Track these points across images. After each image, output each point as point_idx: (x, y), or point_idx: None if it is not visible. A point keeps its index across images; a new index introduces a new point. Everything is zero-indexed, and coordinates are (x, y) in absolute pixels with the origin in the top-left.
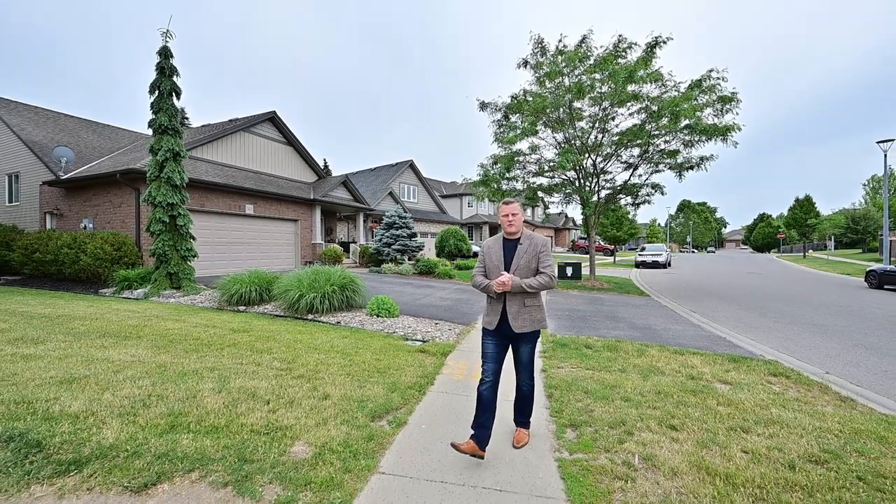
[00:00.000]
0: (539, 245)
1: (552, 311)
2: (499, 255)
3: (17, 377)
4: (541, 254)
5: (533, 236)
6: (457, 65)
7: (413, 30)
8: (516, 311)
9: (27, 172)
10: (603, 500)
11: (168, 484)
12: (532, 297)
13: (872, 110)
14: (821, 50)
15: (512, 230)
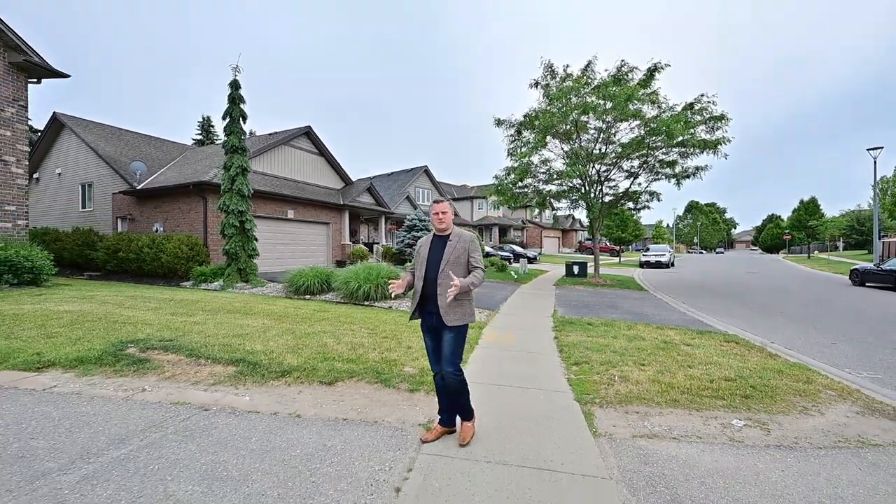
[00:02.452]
0: (468, 241)
1: (561, 301)
2: (426, 251)
3: (203, 332)
4: (470, 249)
5: (462, 233)
6: (458, 70)
7: (414, 35)
8: (447, 305)
9: (99, 182)
10: (592, 391)
11: (342, 382)
12: (463, 293)
13: (886, 110)
14: (836, 48)
15: (442, 227)
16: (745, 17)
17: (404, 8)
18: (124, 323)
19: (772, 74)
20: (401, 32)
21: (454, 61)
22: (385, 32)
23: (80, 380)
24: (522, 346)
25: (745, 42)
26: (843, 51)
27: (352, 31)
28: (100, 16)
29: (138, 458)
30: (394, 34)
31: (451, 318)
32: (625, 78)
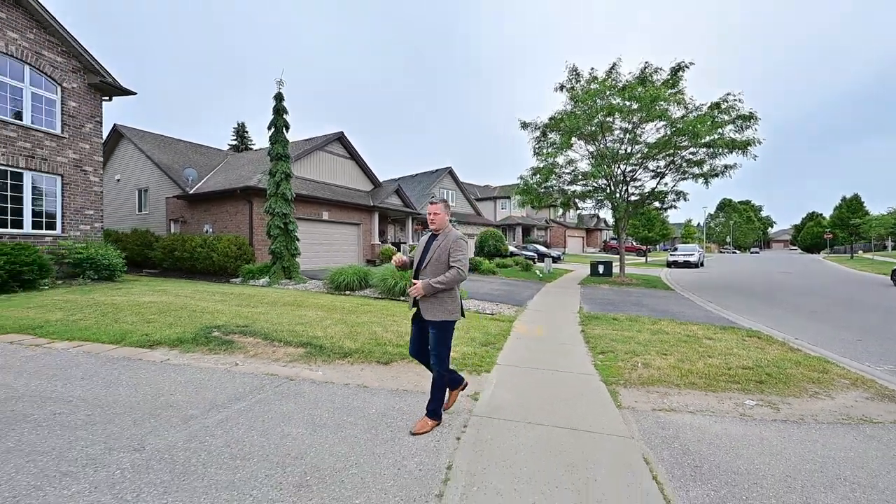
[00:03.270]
0: (451, 241)
1: (586, 299)
2: (421, 249)
3: (269, 321)
4: (451, 248)
5: (449, 233)
6: (482, 71)
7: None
8: (428, 301)
9: (154, 187)
10: (616, 375)
11: (395, 363)
12: (443, 290)
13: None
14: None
15: (434, 227)
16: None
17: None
18: (202, 312)
19: (817, 61)
20: (425, 37)
21: (475, 62)
22: (411, 37)
23: (185, 355)
24: (551, 337)
25: (790, 24)
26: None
27: (380, 36)
28: (136, 28)
29: (254, 409)
30: (419, 38)
31: (429, 312)
32: (649, 79)
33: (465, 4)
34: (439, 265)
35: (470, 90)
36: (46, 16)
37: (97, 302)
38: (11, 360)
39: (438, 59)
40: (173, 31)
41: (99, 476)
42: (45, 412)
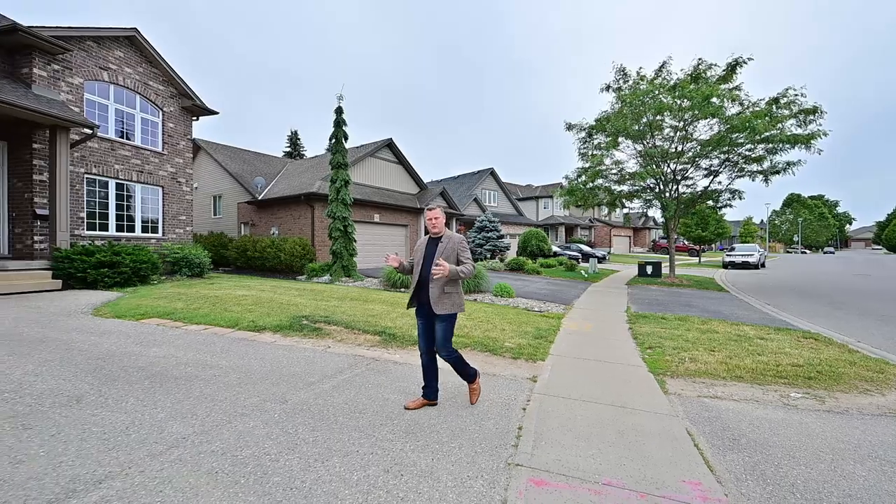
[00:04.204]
0: (457, 243)
1: (634, 299)
2: (422, 251)
3: (344, 312)
4: (459, 249)
5: (452, 236)
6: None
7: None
8: (436, 296)
9: (227, 193)
10: (664, 367)
11: (461, 349)
12: (451, 284)
13: None
14: None
15: (435, 231)
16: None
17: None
18: (287, 304)
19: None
20: (468, 40)
21: (518, 61)
22: (453, 40)
23: (286, 339)
24: (599, 333)
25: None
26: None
27: (419, 39)
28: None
29: (355, 380)
30: (462, 41)
31: (440, 308)
32: (702, 76)
33: (502, 8)
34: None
35: (512, 89)
36: (153, 53)
37: (202, 294)
38: (164, 337)
39: (480, 57)
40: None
41: (264, 417)
42: (208, 374)
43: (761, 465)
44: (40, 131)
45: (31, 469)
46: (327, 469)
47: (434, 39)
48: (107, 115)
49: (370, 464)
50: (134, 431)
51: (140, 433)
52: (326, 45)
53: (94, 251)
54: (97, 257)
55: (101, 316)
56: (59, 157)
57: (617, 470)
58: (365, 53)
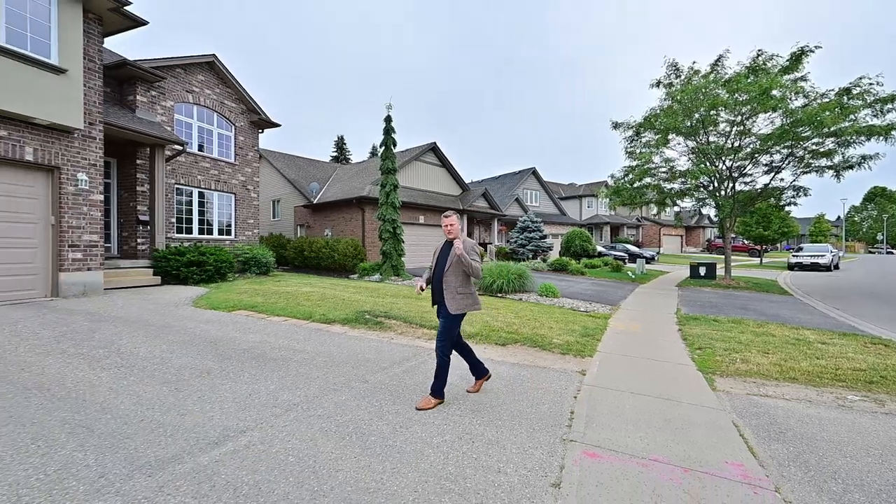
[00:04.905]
0: (468, 248)
1: (684, 301)
2: (438, 254)
3: (400, 308)
4: (469, 251)
5: (465, 240)
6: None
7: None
8: (450, 296)
9: (284, 198)
10: (713, 366)
11: (510, 345)
12: (463, 285)
13: None
14: None
15: (451, 236)
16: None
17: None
18: (349, 300)
19: None
20: (511, 39)
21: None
22: (496, 41)
23: (354, 330)
24: (647, 333)
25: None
26: None
27: (459, 38)
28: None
29: (420, 367)
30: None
31: (452, 307)
32: (762, 67)
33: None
34: (460, 267)
35: (553, 87)
36: (228, 75)
37: (274, 290)
38: (255, 326)
39: (522, 55)
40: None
41: (352, 392)
42: (299, 357)
43: (805, 455)
44: (142, 149)
45: (194, 420)
46: (411, 433)
47: (474, 37)
48: (191, 132)
49: (445, 432)
50: (256, 398)
51: (261, 399)
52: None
53: (184, 252)
54: (187, 257)
55: (200, 307)
56: (157, 171)
57: (663, 450)
58: (403, 53)
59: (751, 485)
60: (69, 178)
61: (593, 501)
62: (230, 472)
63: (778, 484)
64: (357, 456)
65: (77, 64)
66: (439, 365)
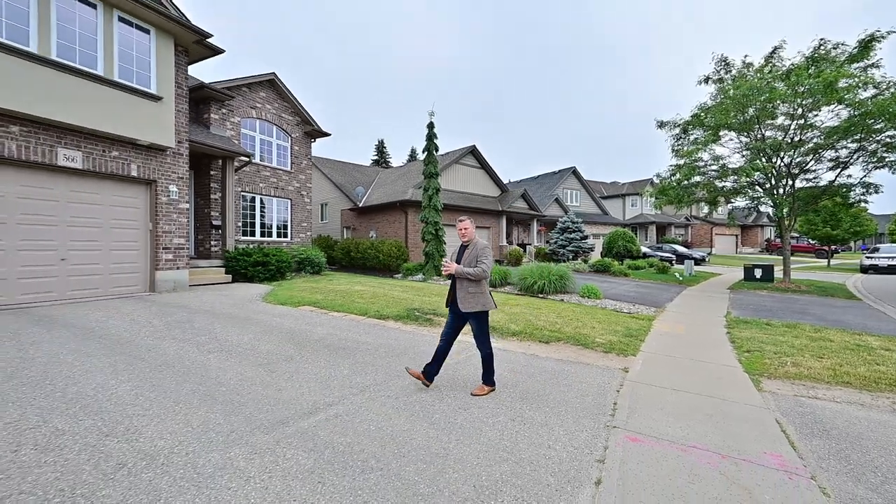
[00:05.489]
0: (480, 249)
1: (735, 304)
2: (454, 255)
3: None
4: (480, 254)
5: (477, 243)
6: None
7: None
8: (462, 296)
9: (332, 201)
10: (761, 369)
11: (553, 343)
12: (474, 285)
13: None
14: None
15: (465, 240)
16: None
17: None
18: (398, 298)
19: None
20: (550, 33)
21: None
22: (535, 37)
23: (407, 326)
24: (692, 335)
25: None
26: None
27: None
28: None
29: (471, 360)
30: (539, 36)
31: (465, 306)
32: (825, 58)
33: None
34: (471, 266)
35: (593, 82)
36: (286, 90)
37: (330, 289)
38: (320, 320)
39: (564, 51)
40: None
41: (414, 379)
42: (363, 348)
43: (847, 451)
44: (215, 161)
45: (289, 394)
46: (469, 414)
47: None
48: (254, 144)
49: (499, 414)
50: (334, 380)
51: (338, 381)
52: (395, 44)
53: (251, 253)
54: (253, 258)
55: (270, 303)
56: (227, 181)
57: (702, 439)
58: (439, 46)
59: (787, 472)
60: (163, 189)
61: (634, 475)
62: (326, 435)
63: (815, 473)
64: (426, 429)
65: (170, 91)
66: (484, 358)
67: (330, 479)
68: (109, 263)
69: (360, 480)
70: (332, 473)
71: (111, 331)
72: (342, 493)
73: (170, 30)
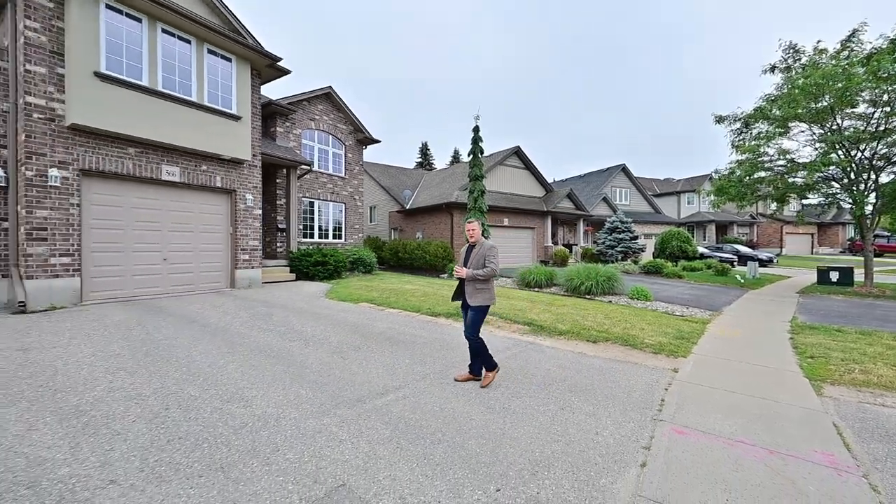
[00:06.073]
0: (486, 249)
1: (804, 309)
2: (463, 255)
3: (497, 307)
4: (487, 255)
5: (483, 244)
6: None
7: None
8: (470, 292)
9: (380, 204)
10: (824, 374)
11: (601, 342)
12: (482, 283)
13: None
14: None
15: (472, 240)
16: None
17: None
18: (446, 297)
19: None
20: (590, 26)
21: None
22: (576, 29)
23: (457, 323)
24: (750, 340)
25: None
26: None
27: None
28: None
29: (520, 355)
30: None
31: (473, 301)
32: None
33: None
34: (479, 266)
35: (642, 76)
36: (341, 102)
37: (383, 287)
38: (379, 316)
39: (608, 44)
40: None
41: (466, 373)
42: (419, 341)
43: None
44: (280, 170)
45: (362, 378)
46: (522, 402)
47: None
48: (312, 153)
49: (549, 403)
50: (398, 368)
51: (402, 369)
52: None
53: (311, 253)
54: (314, 258)
55: (332, 299)
56: (291, 187)
57: (750, 435)
58: (481, 44)
59: (836, 469)
60: (240, 197)
61: (678, 461)
62: (397, 412)
63: (868, 472)
64: (482, 412)
65: (247, 111)
66: (474, 348)
67: (406, 445)
68: (199, 263)
69: (431, 448)
70: (406, 441)
71: (209, 320)
72: (417, 456)
73: (247, 56)
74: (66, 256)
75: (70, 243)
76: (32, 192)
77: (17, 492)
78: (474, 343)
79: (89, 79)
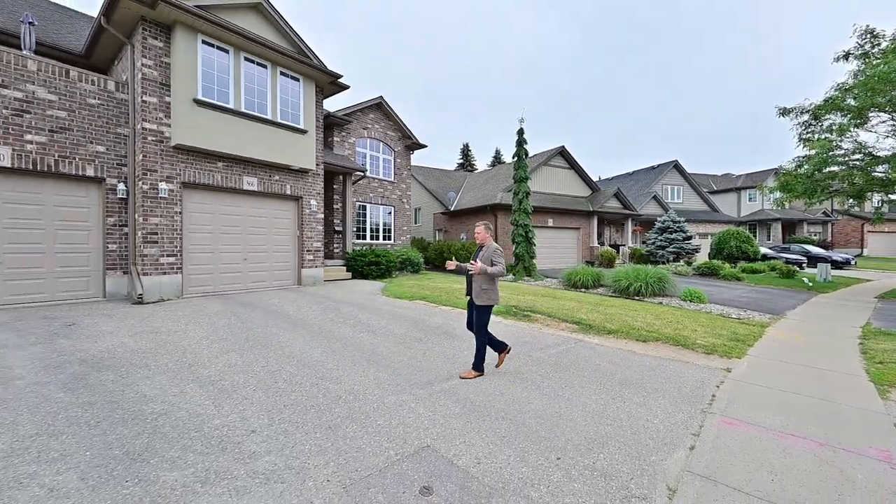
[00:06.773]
0: (492, 251)
1: (881, 315)
2: (474, 256)
3: (542, 305)
4: (493, 256)
5: (489, 245)
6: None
7: None
8: (476, 291)
9: (424, 206)
10: (892, 378)
11: (651, 342)
12: (487, 282)
13: None
14: None
15: (479, 242)
16: None
17: None
18: None
19: None
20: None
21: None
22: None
23: (507, 320)
24: (813, 344)
25: None
26: None
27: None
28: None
29: (569, 351)
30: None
31: (478, 300)
32: None
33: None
34: (486, 266)
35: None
36: (391, 111)
37: (432, 286)
38: (434, 312)
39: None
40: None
41: (523, 361)
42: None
43: None
44: (337, 177)
45: (427, 365)
46: (574, 391)
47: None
48: (365, 160)
49: (600, 393)
50: (458, 357)
51: (461, 359)
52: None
53: (365, 254)
54: (368, 258)
55: (388, 297)
56: (347, 193)
57: (802, 430)
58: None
59: (889, 463)
60: (306, 203)
61: (726, 447)
62: (463, 393)
63: None
64: (539, 397)
65: (312, 125)
66: (478, 347)
67: (474, 420)
68: (272, 262)
69: (496, 423)
70: (475, 417)
71: (288, 312)
72: (486, 430)
73: (312, 76)
74: (171, 256)
75: (174, 245)
76: (147, 203)
77: (189, 434)
78: (480, 338)
79: (189, 105)
